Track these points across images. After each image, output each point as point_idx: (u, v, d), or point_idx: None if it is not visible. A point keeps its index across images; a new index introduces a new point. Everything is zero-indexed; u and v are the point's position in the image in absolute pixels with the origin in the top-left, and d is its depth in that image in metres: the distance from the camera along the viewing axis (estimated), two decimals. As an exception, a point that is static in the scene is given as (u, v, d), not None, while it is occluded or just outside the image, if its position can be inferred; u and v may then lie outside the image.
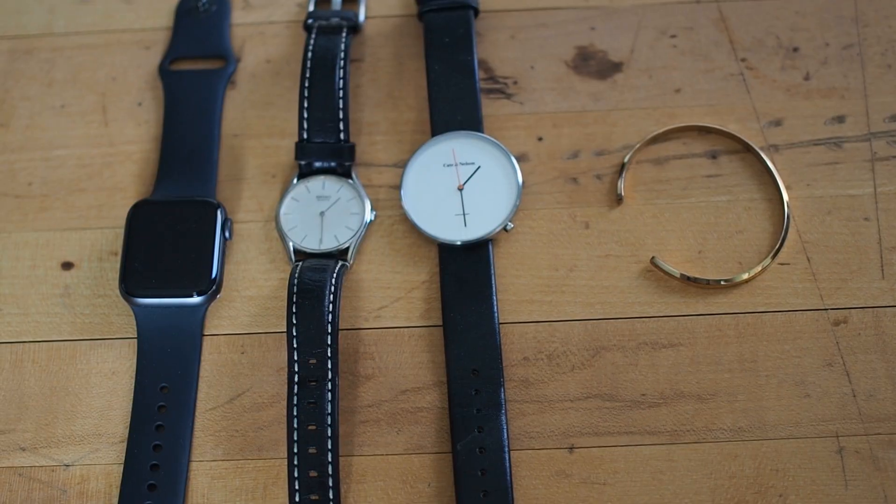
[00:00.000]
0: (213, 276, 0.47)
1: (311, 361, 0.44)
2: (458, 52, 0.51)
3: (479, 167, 0.48)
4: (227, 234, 0.48)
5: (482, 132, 0.49)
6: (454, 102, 0.50)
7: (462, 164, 0.49)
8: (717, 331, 0.46)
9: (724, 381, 0.45)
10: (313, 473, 0.42)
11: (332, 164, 0.49)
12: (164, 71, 0.53)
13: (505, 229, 0.47)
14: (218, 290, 0.48)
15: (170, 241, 0.48)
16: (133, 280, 0.47)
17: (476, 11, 0.53)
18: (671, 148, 0.50)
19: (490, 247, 0.47)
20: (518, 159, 0.49)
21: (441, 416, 0.45)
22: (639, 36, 0.53)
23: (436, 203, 0.48)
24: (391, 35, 0.54)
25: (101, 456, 0.45)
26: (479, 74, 0.51)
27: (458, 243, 0.47)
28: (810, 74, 0.51)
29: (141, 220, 0.48)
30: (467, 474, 0.43)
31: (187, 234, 0.48)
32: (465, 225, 0.47)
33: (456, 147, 0.49)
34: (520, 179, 0.48)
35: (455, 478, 0.43)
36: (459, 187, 0.48)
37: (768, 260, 0.46)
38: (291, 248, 0.48)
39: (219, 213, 0.48)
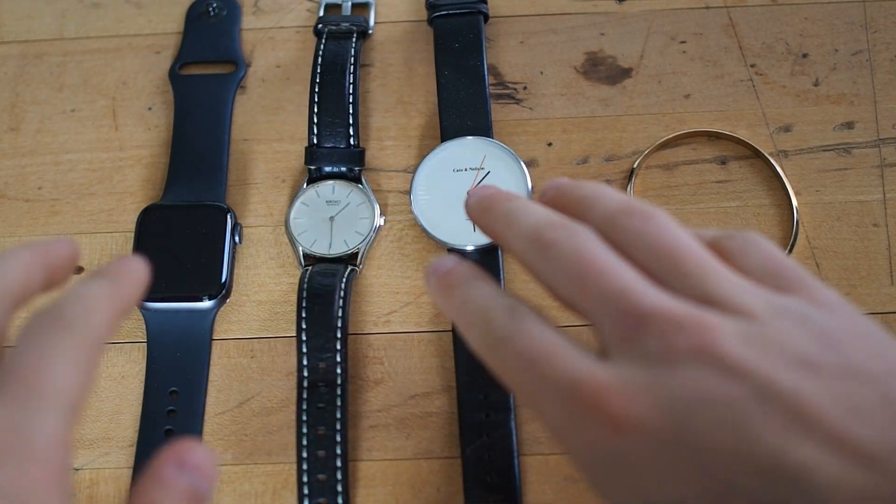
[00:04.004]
0: (223, 280, 0.47)
1: (320, 366, 0.44)
2: (468, 58, 0.51)
3: (488, 172, 0.48)
4: (236, 239, 0.48)
5: (492, 137, 0.49)
6: (464, 108, 0.50)
7: (471, 169, 0.49)
8: (726, 336, 0.45)
9: (734, 386, 0.44)
10: (322, 477, 0.42)
11: (342, 168, 0.50)
12: (175, 75, 0.53)
13: None
14: (227, 295, 0.48)
15: (179, 245, 0.48)
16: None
17: (486, 17, 0.53)
18: (680, 154, 0.50)
19: (500, 252, 0.47)
20: (527, 165, 0.49)
21: (450, 421, 0.45)
22: (648, 42, 0.53)
23: (445, 208, 0.48)
24: (401, 40, 0.54)
25: (111, 460, 0.45)
26: (489, 80, 0.51)
27: (468, 249, 0.47)
28: (819, 80, 0.51)
29: (150, 225, 0.48)
30: (476, 480, 0.43)
31: (197, 239, 0.48)
32: (475, 230, 0.47)
33: (465, 152, 0.49)
34: (529, 185, 0.48)
35: (464, 483, 0.43)
36: (469, 192, 0.48)
37: (778, 266, 0.46)
38: (301, 253, 0.48)
39: (229, 217, 0.48)
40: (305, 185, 0.50)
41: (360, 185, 0.49)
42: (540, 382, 0.29)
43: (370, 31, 0.54)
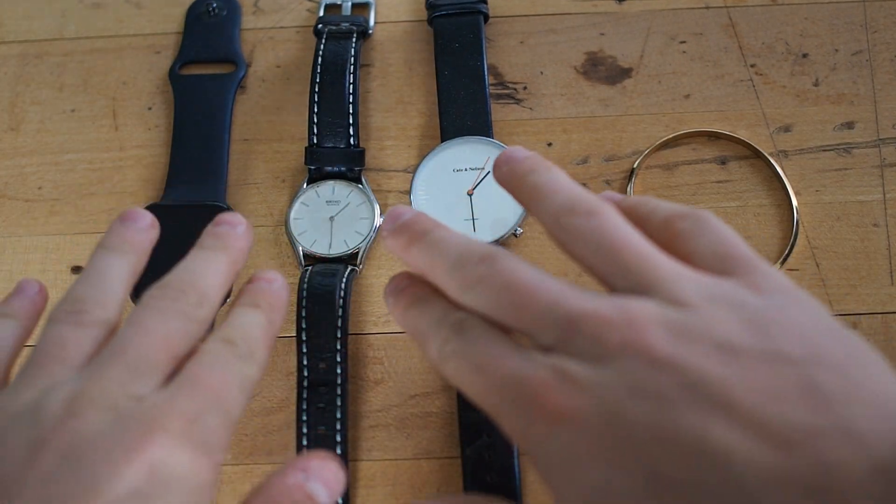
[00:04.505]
0: None
1: (320, 366, 0.44)
2: (468, 58, 0.51)
3: (488, 172, 0.48)
4: None
5: (492, 137, 0.49)
6: (464, 108, 0.50)
7: (471, 169, 0.49)
8: (726, 336, 0.45)
9: (734, 386, 0.44)
10: (323, 478, 0.42)
11: (342, 168, 0.50)
12: (175, 75, 0.53)
13: (514, 234, 0.47)
14: (227, 297, 0.48)
15: (180, 246, 0.47)
16: (143, 284, 0.47)
17: (486, 17, 0.53)
18: (680, 154, 0.50)
19: None
20: (527, 164, 0.49)
21: (450, 421, 0.45)
22: (648, 41, 0.53)
23: (445, 208, 0.48)
24: (401, 40, 0.54)
25: (111, 459, 0.45)
26: (489, 80, 0.51)
27: None
28: (819, 80, 0.51)
29: None
30: (476, 479, 0.43)
31: (198, 239, 0.48)
32: (475, 230, 0.47)
33: (465, 152, 0.49)
34: None
35: (464, 483, 0.43)
36: (469, 192, 0.48)
37: (777, 265, 0.46)
38: (301, 253, 0.48)
39: None
40: (305, 185, 0.50)
41: (360, 185, 0.49)
42: (491, 386, 0.31)
43: (370, 31, 0.54)
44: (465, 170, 0.49)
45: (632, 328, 0.30)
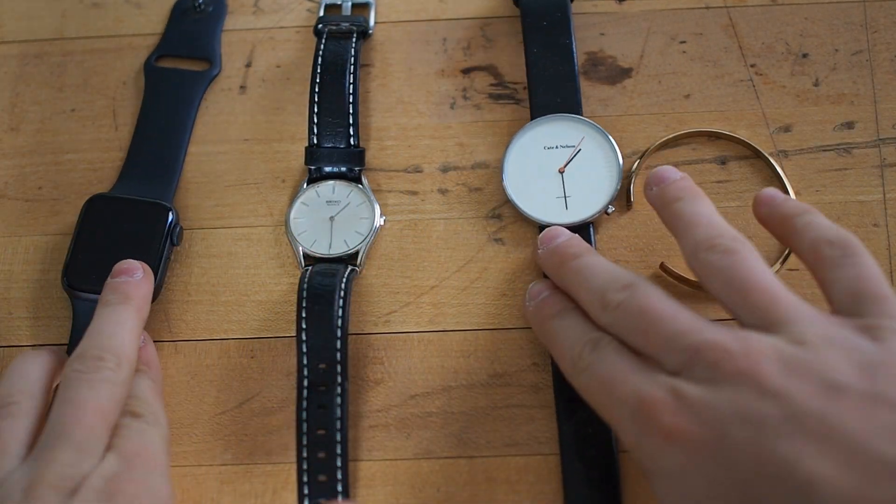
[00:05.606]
0: (155, 281, 0.46)
1: (320, 366, 0.44)
2: (557, 36, 0.51)
3: (579, 150, 0.48)
4: (174, 240, 0.48)
5: (581, 115, 0.49)
6: (553, 85, 0.50)
7: (563, 147, 0.49)
8: (726, 336, 0.45)
9: (734, 386, 0.44)
10: (322, 478, 0.42)
11: (342, 168, 0.50)
12: (149, 66, 0.53)
13: (606, 213, 0.47)
14: (156, 296, 0.47)
15: (118, 239, 0.47)
16: (75, 273, 0.47)
17: None
18: (680, 154, 0.50)
19: (591, 228, 0.47)
20: (528, 164, 0.49)
21: (450, 421, 0.45)
22: (648, 42, 0.53)
23: (536, 185, 0.48)
24: (401, 40, 0.54)
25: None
26: (489, 80, 0.51)
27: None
28: (819, 80, 0.51)
29: (93, 214, 0.48)
30: (575, 456, 0.42)
31: (136, 235, 0.47)
32: (566, 208, 0.47)
33: (556, 130, 0.49)
34: (620, 161, 0.48)
35: (562, 458, 0.42)
36: (560, 170, 0.48)
37: (778, 265, 0.46)
38: (301, 253, 0.48)
39: (170, 216, 0.48)
40: (305, 185, 0.50)
41: (360, 185, 0.49)
42: (614, 400, 0.35)
43: (370, 31, 0.54)
44: (557, 147, 0.48)
45: (748, 358, 0.32)
